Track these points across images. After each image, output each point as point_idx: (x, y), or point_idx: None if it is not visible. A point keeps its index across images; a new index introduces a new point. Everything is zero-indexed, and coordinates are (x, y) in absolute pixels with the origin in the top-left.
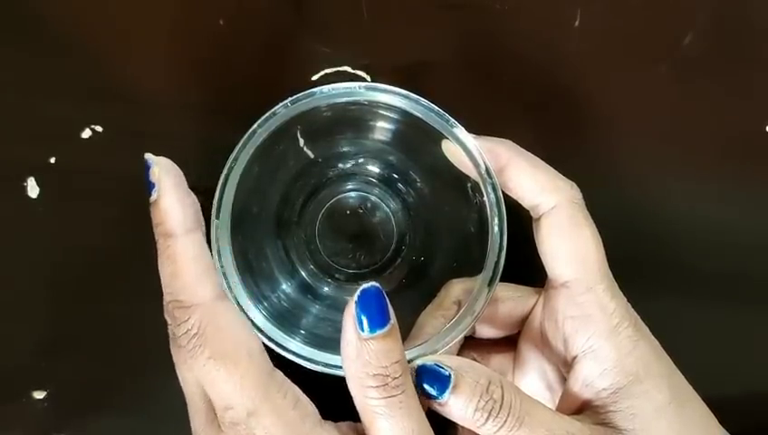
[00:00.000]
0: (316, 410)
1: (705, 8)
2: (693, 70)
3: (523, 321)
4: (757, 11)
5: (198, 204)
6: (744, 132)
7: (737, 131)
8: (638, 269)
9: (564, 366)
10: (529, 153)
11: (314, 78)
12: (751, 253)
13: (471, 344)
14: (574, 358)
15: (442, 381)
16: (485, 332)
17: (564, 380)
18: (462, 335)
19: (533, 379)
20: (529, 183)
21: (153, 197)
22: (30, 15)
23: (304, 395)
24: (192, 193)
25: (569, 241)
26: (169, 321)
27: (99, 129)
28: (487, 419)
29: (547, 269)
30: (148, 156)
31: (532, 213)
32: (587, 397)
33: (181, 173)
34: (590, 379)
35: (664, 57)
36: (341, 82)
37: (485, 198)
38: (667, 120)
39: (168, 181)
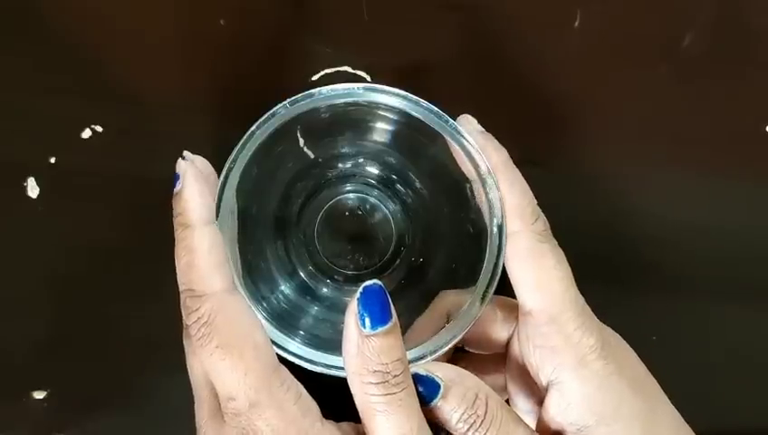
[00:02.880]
0: (318, 408)
1: (704, 8)
2: (693, 70)
3: (509, 340)
4: (756, 11)
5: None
6: (744, 132)
7: (737, 132)
8: (636, 270)
9: (543, 390)
10: (515, 171)
11: (314, 78)
12: (752, 253)
13: (470, 356)
14: (546, 386)
15: (432, 389)
16: (473, 349)
17: None
18: (459, 338)
19: (523, 396)
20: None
21: (177, 188)
22: (30, 15)
23: (306, 392)
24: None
25: (530, 269)
26: (183, 311)
27: (99, 129)
28: (467, 430)
29: (516, 295)
30: (186, 153)
31: None
32: (555, 428)
33: (212, 172)
34: (557, 411)
35: (664, 57)
36: (341, 82)
37: (485, 200)
38: (666, 120)
39: (191, 174)
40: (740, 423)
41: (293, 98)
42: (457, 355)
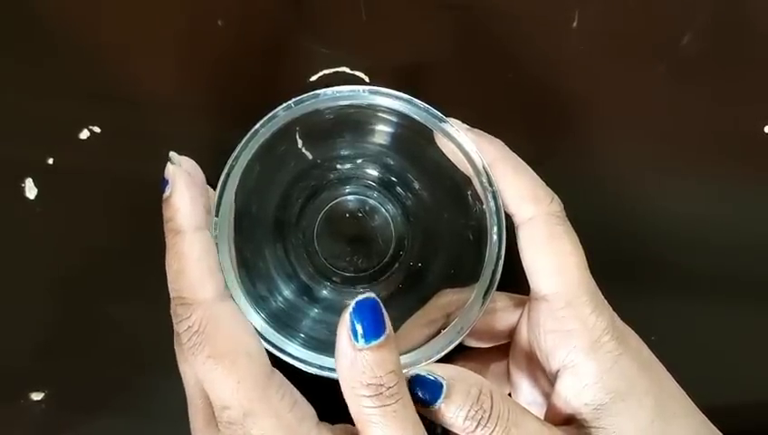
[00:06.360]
0: (314, 412)
1: (703, 8)
2: (691, 70)
3: (512, 331)
4: (756, 11)
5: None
6: (743, 133)
7: (736, 132)
8: (637, 270)
9: (551, 377)
10: (516, 157)
11: (313, 79)
12: (751, 253)
13: (468, 352)
14: (557, 371)
15: (435, 390)
16: (473, 341)
17: None
18: (457, 343)
19: (528, 386)
20: (509, 189)
21: (166, 193)
22: (30, 16)
23: (302, 397)
24: (209, 191)
25: (547, 255)
26: (173, 318)
27: (97, 129)
28: (476, 427)
29: (529, 281)
30: (173, 154)
31: (513, 220)
32: (570, 412)
33: (200, 174)
34: (572, 394)
35: (663, 57)
36: (340, 83)
37: (485, 207)
38: (665, 120)
39: (181, 179)
40: (741, 423)
41: (299, 98)
42: (453, 355)
